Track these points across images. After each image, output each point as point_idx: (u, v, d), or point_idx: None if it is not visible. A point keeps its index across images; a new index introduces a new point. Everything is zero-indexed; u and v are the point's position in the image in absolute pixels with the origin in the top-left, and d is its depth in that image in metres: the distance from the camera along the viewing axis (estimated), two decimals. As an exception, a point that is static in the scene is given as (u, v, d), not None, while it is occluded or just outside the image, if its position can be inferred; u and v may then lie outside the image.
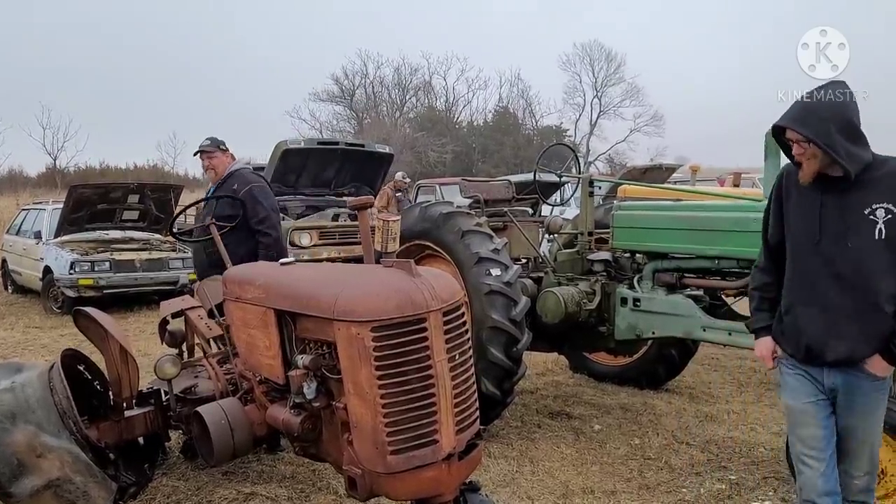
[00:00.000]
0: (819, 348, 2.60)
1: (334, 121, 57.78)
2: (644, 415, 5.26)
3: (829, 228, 2.56)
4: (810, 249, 2.60)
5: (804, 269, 2.64)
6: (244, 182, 5.04)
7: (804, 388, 2.70)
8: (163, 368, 3.62)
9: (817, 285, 2.59)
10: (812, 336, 2.61)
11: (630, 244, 4.76)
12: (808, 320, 2.62)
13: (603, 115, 59.16)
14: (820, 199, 2.59)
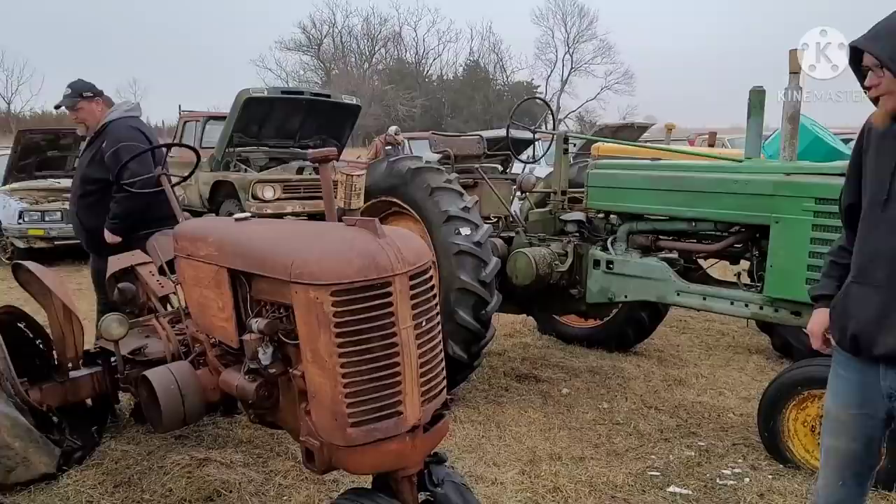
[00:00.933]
0: (867, 339, 2.08)
1: (301, 71, 56.56)
2: (613, 378, 5.18)
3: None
4: (876, 213, 2.08)
5: (865, 237, 2.12)
6: (114, 140, 4.34)
7: (851, 390, 2.20)
8: (108, 329, 3.39)
9: (876, 259, 2.06)
10: (861, 323, 2.09)
11: (604, 204, 4.61)
12: (860, 302, 2.10)
13: (574, 72, 58.89)
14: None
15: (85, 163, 4.38)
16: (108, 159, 4.27)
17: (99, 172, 4.31)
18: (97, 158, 4.33)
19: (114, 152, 4.27)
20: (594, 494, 3.47)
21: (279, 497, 3.35)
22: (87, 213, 4.32)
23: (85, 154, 4.47)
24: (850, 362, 2.19)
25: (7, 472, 3.22)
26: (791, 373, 3.72)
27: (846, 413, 2.22)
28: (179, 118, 12.82)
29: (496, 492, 3.46)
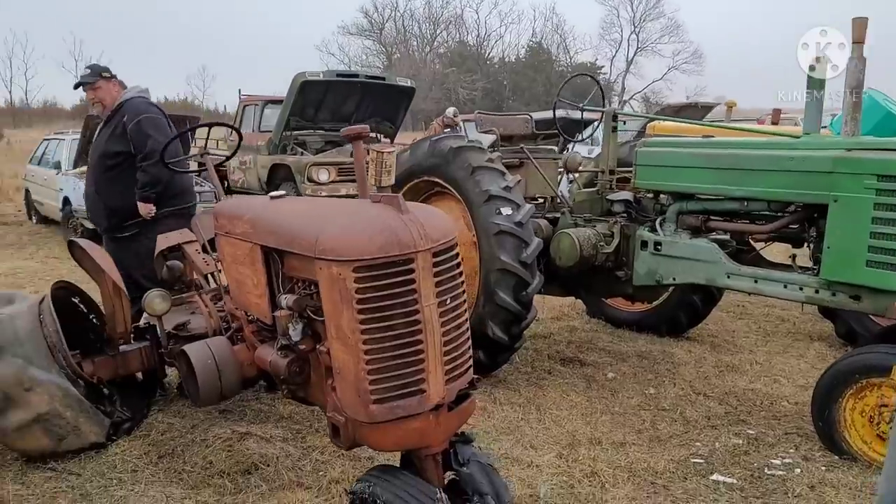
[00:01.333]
0: None
1: (363, 55, 56.96)
2: (661, 363, 5.04)
3: None
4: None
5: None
6: (135, 113, 4.47)
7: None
8: (152, 304, 3.48)
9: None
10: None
11: (653, 183, 4.46)
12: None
13: (640, 52, 57.54)
14: None
15: (104, 139, 4.45)
16: (131, 131, 4.37)
17: (119, 145, 4.38)
18: (117, 133, 4.40)
19: (137, 123, 4.38)
20: (633, 480, 3.39)
21: (315, 472, 3.38)
22: (109, 189, 4.35)
23: (103, 132, 4.54)
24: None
25: (59, 440, 3.35)
26: (848, 360, 3.54)
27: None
28: (239, 102, 13.07)
29: (531, 474, 3.41)
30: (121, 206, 4.41)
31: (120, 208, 4.43)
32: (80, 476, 3.26)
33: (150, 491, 3.15)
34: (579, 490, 3.29)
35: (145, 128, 4.39)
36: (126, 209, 4.46)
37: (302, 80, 10.70)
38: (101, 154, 4.38)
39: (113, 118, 4.49)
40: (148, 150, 4.38)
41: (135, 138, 4.37)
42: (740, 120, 10.23)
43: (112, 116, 4.49)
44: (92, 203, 4.63)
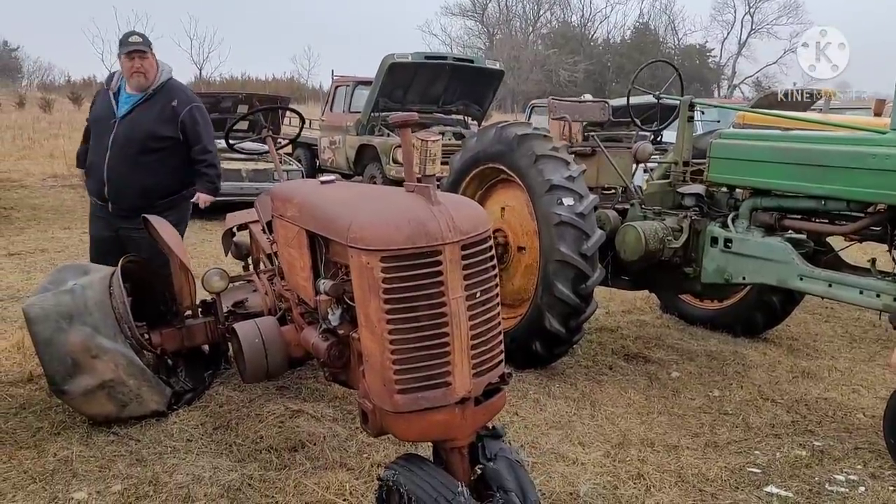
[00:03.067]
0: None
1: (465, 36, 56.83)
2: (731, 365, 4.83)
3: None
4: None
5: None
6: (186, 99, 4.33)
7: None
8: (210, 282, 3.62)
9: None
10: None
11: (726, 177, 4.25)
12: None
13: (754, 34, 54.79)
14: None
15: (150, 119, 4.25)
16: (185, 118, 4.28)
17: (168, 130, 4.26)
18: (165, 116, 4.26)
19: (191, 112, 4.31)
20: (680, 486, 3.27)
21: (359, 454, 3.44)
22: (147, 171, 4.25)
23: (143, 111, 4.28)
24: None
25: (121, 407, 3.54)
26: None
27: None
28: (332, 83, 13.34)
29: (575, 472, 3.35)
30: (155, 187, 4.34)
31: (154, 188, 4.34)
32: (139, 442, 3.45)
33: (200, 461, 3.28)
34: (622, 492, 3.21)
35: (201, 119, 4.36)
36: (160, 189, 4.38)
37: (390, 62, 10.81)
38: (145, 135, 4.22)
39: (156, 97, 4.28)
40: (206, 142, 4.39)
41: (191, 128, 4.31)
42: (839, 109, 9.58)
43: (154, 95, 4.28)
44: (120, 181, 4.28)
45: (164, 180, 4.39)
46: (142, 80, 4.23)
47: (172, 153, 4.36)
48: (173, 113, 4.29)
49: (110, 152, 4.22)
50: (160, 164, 4.31)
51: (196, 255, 7.73)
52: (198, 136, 4.37)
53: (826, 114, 7.97)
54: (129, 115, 4.25)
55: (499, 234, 4.71)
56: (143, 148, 4.24)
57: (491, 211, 4.83)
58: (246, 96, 10.96)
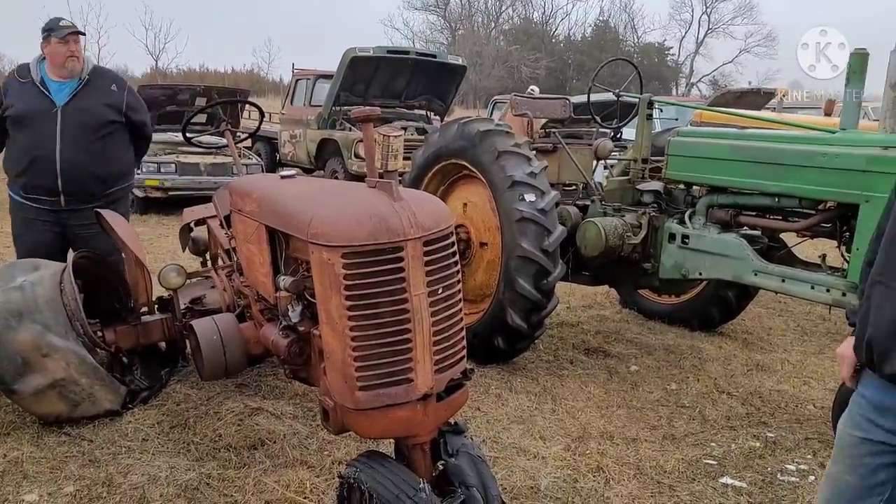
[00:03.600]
0: (880, 351, 1.72)
1: (428, 31, 56.68)
2: (688, 359, 4.91)
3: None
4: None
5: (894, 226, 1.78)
6: (120, 81, 4.31)
7: (861, 410, 1.84)
8: (167, 278, 3.55)
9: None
10: (877, 331, 1.73)
11: (683, 175, 4.32)
12: (880, 307, 1.73)
13: (711, 33, 55.70)
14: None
15: (98, 104, 4.15)
16: (129, 101, 4.26)
17: (115, 114, 4.20)
18: (108, 101, 4.18)
19: (132, 94, 4.33)
20: (638, 478, 3.32)
21: (320, 451, 3.42)
22: (101, 158, 4.14)
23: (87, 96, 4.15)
24: (871, 379, 1.82)
25: (73, 406, 3.45)
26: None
27: (849, 436, 1.86)
28: (292, 76, 13.19)
29: (535, 466, 3.37)
30: (109, 174, 4.25)
31: (109, 175, 4.26)
32: (92, 442, 3.37)
33: (156, 461, 3.23)
34: (582, 485, 3.24)
35: (139, 99, 4.41)
36: (113, 176, 4.31)
37: (352, 56, 10.72)
38: (97, 121, 4.12)
39: (92, 82, 4.17)
40: (147, 119, 4.43)
41: (135, 109, 4.30)
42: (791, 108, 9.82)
43: (91, 80, 4.17)
44: (77, 171, 4.12)
45: (117, 165, 4.32)
46: (77, 64, 4.10)
47: (120, 137, 4.30)
48: (116, 97, 4.22)
49: (61, 143, 4.06)
50: (112, 150, 4.24)
51: (152, 251, 7.58)
52: (141, 115, 4.38)
53: (779, 112, 8.16)
54: (72, 102, 4.11)
55: (461, 229, 4.71)
56: (95, 135, 4.15)
57: (453, 206, 4.82)
58: (204, 88, 10.76)
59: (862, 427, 1.82)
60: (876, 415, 1.79)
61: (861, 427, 1.83)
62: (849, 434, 1.87)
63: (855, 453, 1.85)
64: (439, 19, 58.11)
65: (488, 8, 59.28)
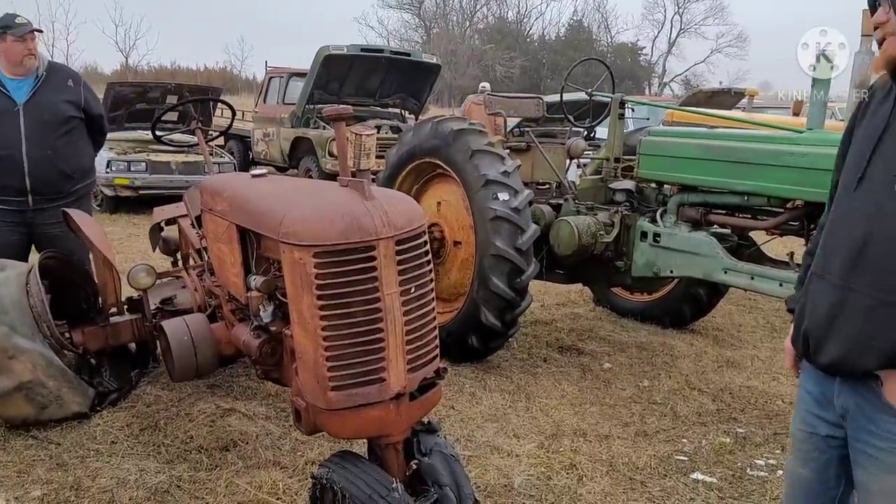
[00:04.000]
0: (815, 342, 1.74)
1: (402, 29, 56.56)
2: (660, 356, 4.96)
3: (881, 162, 1.63)
4: (849, 192, 1.71)
5: (834, 220, 1.77)
6: (75, 75, 4.32)
7: (806, 405, 1.87)
8: (136, 278, 3.50)
9: (840, 248, 1.70)
10: (812, 322, 1.75)
11: (655, 174, 4.37)
12: (816, 298, 1.75)
13: (683, 34, 56.29)
14: (889, 116, 1.65)
15: (59, 100, 4.13)
16: (87, 96, 4.25)
17: (75, 109, 4.17)
18: (67, 96, 4.15)
19: (88, 89, 4.29)
20: (611, 475, 3.34)
21: (293, 452, 3.39)
22: (66, 155, 4.12)
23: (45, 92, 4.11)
24: (810, 372, 1.86)
25: (41, 409, 3.39)
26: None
27: (800, 431, 1.91)
28: (265, 74, 13.09)
29: (509, 464, 3.38)
30: (75, 170, 4.22)
31: (75, 171, 4.22)
32: (60, 445, 3.31)
33: (125, 464, 3.18)
34: (556, 482, 3.26)
35: (94, 93, 4.39)
36: (79, 172, 4.28)
37: (326, 54, 10.66)
38: (60, 117, 4.09)
39: (50, 79, 4.14)
40: (103, 111, 4.43)
41: (93, 103, 4.30)
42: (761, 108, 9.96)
43: (48, 77, 4.13)
44: (44, 169, 4.08)
45: (82, 161, 4.30)
46: (34, 62, 4.05)
47: (80, 132, 4.27)
48: (74, 92, 4.19)
49: (27, 142, 4.00)
50: (75, 145, 4.21)
51: (123, 251, 7.48)
52: (98, 108, 4.37)
53: (749, 112, 8.27)
54: (32, 99, 4.05)
55: (435, 228, 4.71)
56: (59, 131, 4.12)
57: (427, 205, 4.82)
58: (175, 86, 10.63)
59: (808, 422, 1.86)
60: (818, 409, 1.82)
61: (807, 422, 1.87)
62: (798, 429, 1.91)
63: (805, 448, 1.89)
64: (414, 17, 58.05)
65: (463, 7, 59.32)
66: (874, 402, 1.66)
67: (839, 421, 1.77)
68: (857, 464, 1.75)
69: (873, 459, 1.68)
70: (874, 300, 1.60)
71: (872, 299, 1.60)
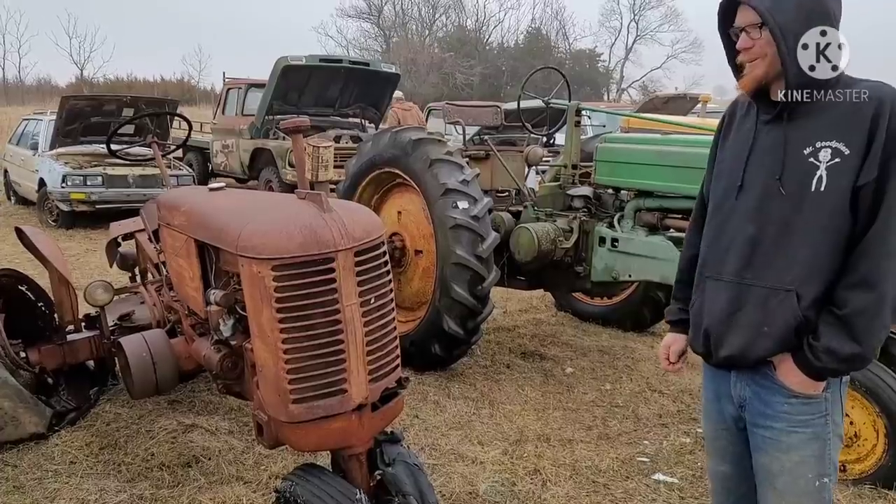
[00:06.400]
0: (716, 339, 1.87)
1: (362, 38, 56.45)
2: (621, 359, 5.04)
3: (756, 171, 1.82)
4: (730, 202, 1.87)
5: (720, 226, 1.91)
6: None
7: (710, 403, 2.03)
8: (93, 295, 3.45)
9: (731, 250, 1.85)
10: (712, 320, 1.88)
11: (611, 179, 4.44)
12: (713, 298, 1.89)
13: (639, 40, 57.19)
14: (755, 130, 1.85)
15: None
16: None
17: None
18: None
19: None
20: (574, 478, 3.39)
21: (256, 466, 3.37)
22: None
23: None
24: (708, 371, 2.01)
25: (-4, 431, 3.32)
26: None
27: (711, 429, 2.05)
28: (223, 85, 12.97)
29: (474, 471, 3.40)
30: None
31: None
32: (17, 467, 3.24)
33: (85, 484, 3.12)
34: (520, 488, 3.29)
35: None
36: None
37: (284, 65, 10.61)
38: None
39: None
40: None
41: None
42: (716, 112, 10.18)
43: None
44: None
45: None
46: None
47: None
48: None
49: None
50: None
51: (80, 267, 7.34)
52: None
53: (703, 117, 8.45)
54: None
55: (396, 237, 4.73)
56: None
57: (388, 215, 4.84)
58: (131, 99, 10.48)
59: (715, 419, 2.01)
60: (721, 404, 1.97)
61: (714, 419, 2.02)
62: (710, 428, 2.06)
63: (719, 445, 2.03)
64: (373, 27, 57.99)
65: (422, 15, 59.41)
66: (769, 386, 1.84)
67: (739, 412, 1.92)
68: (757, 449, 1.89)
69: (772, 441, 1.84)
70: (767, 290, 1.79)
71: (765, 290, 1.79)
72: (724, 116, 2.02)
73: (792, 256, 1.76)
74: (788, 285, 1.76)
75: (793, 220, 1.75)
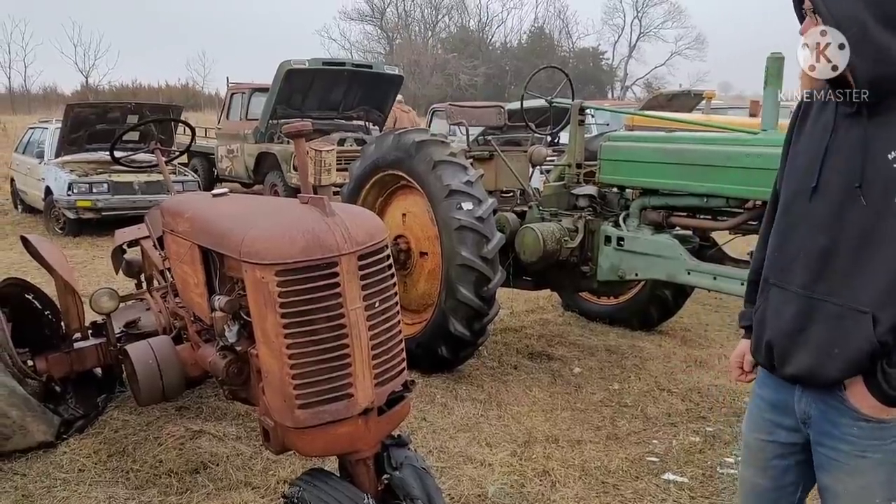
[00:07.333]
0: (781, 352, 1.73)
1: (365, 41, 56.56)
2: (629, 358, 5.01)
3: (832, 173, 1.63)
4: (801, 205, 1.70)
5: (786, 232, 1.75)
6: None
7: (763, 413, 1.86)
8: (98, 302, 3.45)
9: (799, 260, 1.69)
10: (775, 333, 1.74)
11: (616, 178, 4.42)
12: (778, 309, 1.74)
13: (643, 38, 57.10)
14: (833, 123, 1.65)
15: None
16: None
17: None
18: None
19: None
20: (584, 479, 3.37)
21: (264, 472, 3.36)
22: None
23: None
24: (767, 379, 1.85)
25: (4, 440, 3.32)
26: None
27: (755, 440, 1.89)
28: (227, 90, 13.00)
29: (482, 473, 3.39)
30: None
31: None
32: (25, 476, 3.25)
33: (94, 492, 3.13)
34: (529, 490, 3.27)
35: None
36: None
37: (287, 69, 10.63)
38: None
39: None
40: None
41: None
42: (721, 109, 10.16)
43: None
44: None
45: None
46: None
47: None
48: None
49: None
50: None
51: (86, 274, 7.34)
52: None
53: (707, 114, 8.42)
54: None
55: (401, 240, 4.72)
56: None
57: (392, 217, 4.83)
58: (136, 105, 10.50)
59: (765, 430, 1.86)
60: (777, 415, 1.82)
61: (764, 430, 1.86)
62: (754, 438, 1.90)
63: (762, 456, 1.89)
64: (376, 29, 58.09)
65: (425, 17, 59.50)
66: (838, 407, 1.68)
67: (799, 426, 1.77)
68: (821, 468, 1.76)
69: (837, 463, 1.70)
70: (839, 309, 1.61)
71: (838, 308, 1.61)
72: (800, 105, 1.80)
73: (871, 274, 1.57)
74: (864, 307, 1.58)
75: (873, 233, 1.57)
